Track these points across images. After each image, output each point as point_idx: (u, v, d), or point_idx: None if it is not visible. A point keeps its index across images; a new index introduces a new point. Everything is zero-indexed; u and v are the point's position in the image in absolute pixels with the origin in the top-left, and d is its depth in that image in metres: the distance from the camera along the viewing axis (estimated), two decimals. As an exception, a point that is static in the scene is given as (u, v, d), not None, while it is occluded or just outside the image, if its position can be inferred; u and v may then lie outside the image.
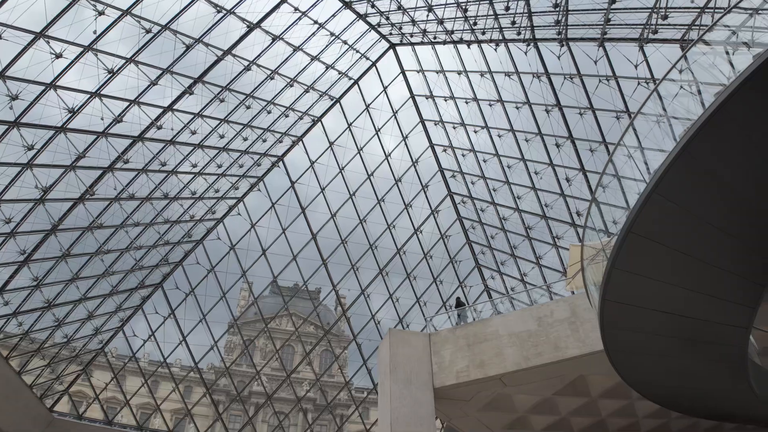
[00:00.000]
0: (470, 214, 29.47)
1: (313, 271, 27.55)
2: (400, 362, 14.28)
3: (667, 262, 7.06)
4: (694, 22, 14.37)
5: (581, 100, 21.15)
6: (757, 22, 8.50)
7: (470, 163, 27.63)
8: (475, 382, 14.00)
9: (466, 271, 30.80)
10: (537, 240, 26.81)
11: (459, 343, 14.68)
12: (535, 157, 24.38)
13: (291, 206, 25.68)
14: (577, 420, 17.79)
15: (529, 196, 25.73)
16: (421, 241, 29.37)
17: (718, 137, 5.98)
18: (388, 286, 28.58)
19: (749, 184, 6.41)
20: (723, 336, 7.05)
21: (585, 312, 13.63)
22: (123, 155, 17.85)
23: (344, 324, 47.82)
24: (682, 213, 6.72)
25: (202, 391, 33.12)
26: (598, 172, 22.73)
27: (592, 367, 14.07)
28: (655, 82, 18.04)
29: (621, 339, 8.10)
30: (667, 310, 7.20)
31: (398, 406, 13.38)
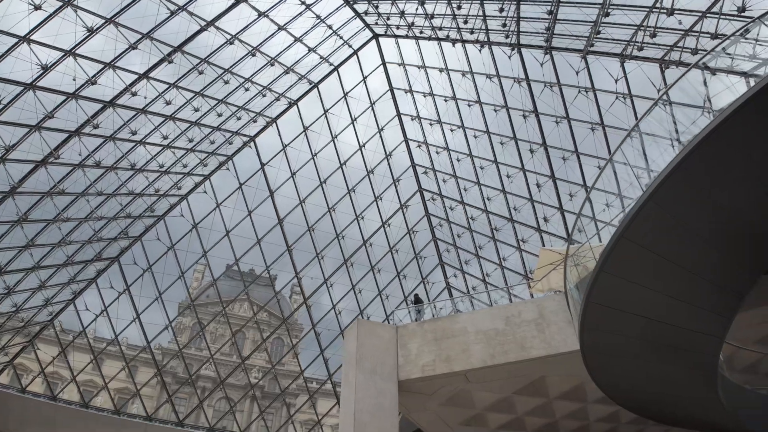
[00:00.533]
0: (438, 211, 29.72)
1: (275, 257, 27.09)
2: (367, 353, 14.22)
3: (653, 268, 7.26)
4: (676, 44, 14.91)
5: (558, 109, 21.62)
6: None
7: (443, 161, 27.83)
8: (440, 376, 14.10)
9: (430, 267, 31.08)
10: (502, 242, 27.31)
11: (426, 337, 14.75)
12: (508, 160, 24.78)
13: (259, 188, 25.13)
14: (532, 420, 18.25)
15: (499, 199, 26.17)
16: (388, 234, 29.41)
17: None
18: (351, 277, 28.46)
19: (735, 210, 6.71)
20: (698, 344, 7.34)
21: (552, 314, 13.95)
22: (92, 119, 16.90)
23: (297, 313, 47.50)
24: (673, 223, 6.91)
25: (148, 371, 32.06)
26: (567, 180, 23.36)
27: (555, 369, 14.45)
28: (632, 98, 18.67)
29: (599, 341, 8.30)
30: (649, 315, 7.43)
31: (362, 397, 13.32)
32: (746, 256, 6.91)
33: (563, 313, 13.87)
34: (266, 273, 28.18)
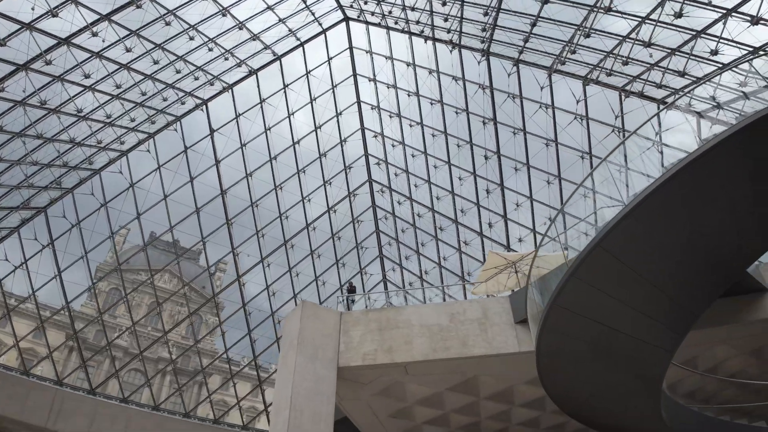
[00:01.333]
0: (385, 204, 29.74)
1: (211, 229, 25.89)
2: (309, 336, 13.92)
3: (620, 279, 7.56)
4: (639, 75, 15.75)
5: (517, 121, 22.23)
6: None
7: (397, 155, 27.88)
8: (380, 366, 14.07)
9: (369, 258, 31.05)
10: (444, 242, 27.77)
11: (370, 326, 14.66)
12: (462, 163, 25.24)
13: (205, 156, 23.89)
14: (457, 417, 18.66)
15: (447, 199, 26.58)
16: (332, 220, 29.01)
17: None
18: (289, 258, 27.82)
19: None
20: (650, 357, 7.76)
21: (495, 316, 14.29)
22: (45, 54, 15.22)
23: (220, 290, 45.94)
24: (646, 239, 7.21)
25: (55, 333, 29.76)
26: (515, 190, 24.10)
27: (491, 369, 14.83)
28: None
29: (556, 344, 8.54)
30: (609, 323, 7.74)
31: (301, 380, 13.02)
32: (705, 279, 7.37)
33: (506, 316, 14.27)
34: (195, 246, 26.91)
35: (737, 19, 12.24)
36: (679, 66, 14.17)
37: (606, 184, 16.72)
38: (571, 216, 12.67)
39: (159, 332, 42.67)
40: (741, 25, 12.24)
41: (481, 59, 21.77)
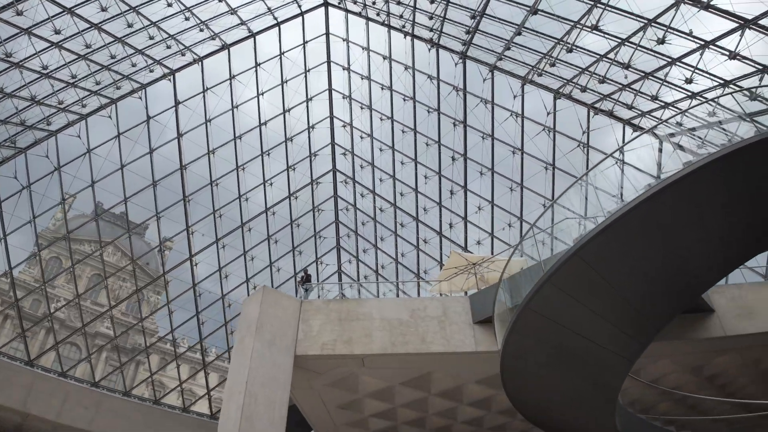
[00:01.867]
0: (348, 195, 29.59)
1: (166, 204, 24.92)
2: (268, 322, 13.69)
3: (593, 288, 7.85)
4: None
5: (488, 126, 22.62)
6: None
7: (365, 148, 27.74)
8: (338, 356, 14.01)
9: (327, 248, 30.85)
10: (403, 239, 27.94)
11: (331, 316, 14.57)
12: (429, 162, 25.41)
13: (167, 128, 22.92)
14: (405, 412, 18.84)
15: (410, 197, 26.71)
16: (292, 207, 28.59)
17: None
18: (245, 241, 27.20)
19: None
20: (611, 364, 8.11)
21: (455, 315, 14.53)
22: (17, 3, 14.03)
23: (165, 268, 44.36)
24: (620, 254, 7.53)
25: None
26: (478, 194, 24.52)
27: (446, 366, 15.06)
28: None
29: (522, 345, 8.76)
30: (577, 329, 8.02)
31: (257, 366, 12.79)
32: (670, 297, 7.79)
33: (465, 315, 14.53)
34: (148, 221, 25.80)
35: (714, 52, 13.01)
36: (652, 90, 14.87)
37: (567, 199, 17.38)
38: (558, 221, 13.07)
39: (98, 306, 40.84)
40: (717, 58, 13.03)
41: (458, 61, 21.98)
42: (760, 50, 12.12)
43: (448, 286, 18.79)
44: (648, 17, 13.57)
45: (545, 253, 11.81)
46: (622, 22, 14.27)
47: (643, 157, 12.95)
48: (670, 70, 14.45)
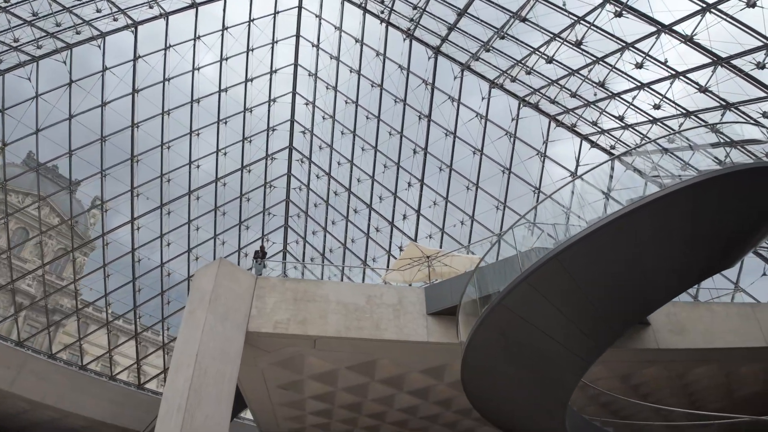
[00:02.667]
0: (302, 175, 29.10)
1: (113, 163, 23.40)
2: (222, 295, 13.29)
3: (565, 292, 8.24)
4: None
5: (452, 123, 22.95)
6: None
7: (325, 129, 27.36)
8: (291, 336, 13.85)
9: (274, 226, 30.23)
10: (354, 225, 27.89)
11: (286, 295, 14.36)
12: (389, 152, 25.46)
13: (124, 81, 21.44)
14: (343, 395, 18.95)
15: (366, 184, 26.66)
16: (244, 180, 27.75)
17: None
18: (191, 209, 26.15)
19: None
20: (570, 365, 8.57)
21: (409, 305, 14.74)
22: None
23: (92, 229, 41.79)
24: (594, 262, 7.97)
25: None
26: (434, 189, 24.87)
27: (396, 353, 15.25)
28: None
29: (488, 340, 9.05)
30: (545, 329, 8.40)
31: (209, 339, 12.41)
32: (631, 307, 8.40)
33: (420, 306, 14.78)
34: (89, 178, 24.13)
35: (684, 83, 13.98)
36: (618, 110, 15.73)
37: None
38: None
39: (20, 261, 37.80)
40: (687, 89, 14.01)
41: (431, 56, 22.09)
42: (729, 87, 13.18)
43: (401, 276, 19.02)
44: (627, 41, 14.33)
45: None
46: (602, 42, 14.97)
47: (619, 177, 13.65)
48: (638, 94, 15.36)
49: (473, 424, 22.14)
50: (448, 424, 22.57)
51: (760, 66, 12.89)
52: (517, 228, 14.95)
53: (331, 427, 22.61)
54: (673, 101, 14.67)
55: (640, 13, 14.13)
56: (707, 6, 12.73)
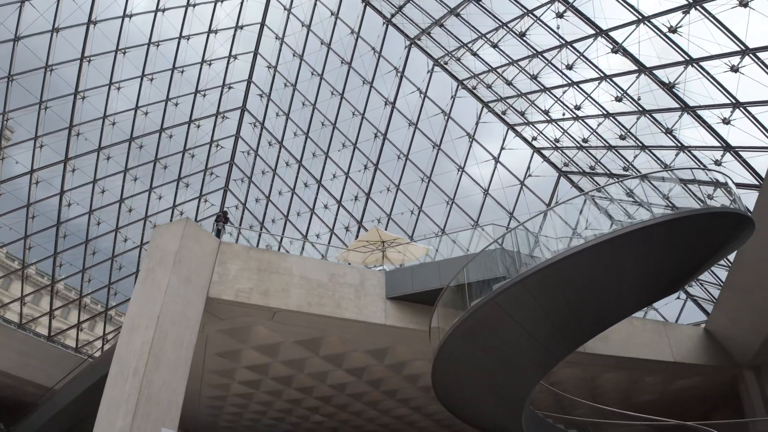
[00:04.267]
0: (252, 140, 27.91)
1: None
2: (186, 257, 12.61)
3: (550, 294, 8.90)
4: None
5: (414, 115, 23.12)
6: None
7: (285, 97, 26.36)
8: (251, 306, 13.48)
9: (214, 187, 28.80)
10: (300, 198, 27.34)
11: (250, 264, 13.92)
12: (348, 131, 25.13)
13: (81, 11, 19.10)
14: (278, 367, 18.78)
15: (320, 159, 26.19)
16: (191, 135, 26.11)
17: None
18: (129, 158, 24.18)
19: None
20: (539, 362, 9.29)
21: (371, 287, 14.90)
22: None
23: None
24: (581, 277, 8.69)
25: None
26: (387, 175, 25.01)
27: (349, 333, 15.37)
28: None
29: (473, 330, 9.51)
30: (528, 328, 9.00)
31: (171, 302, 11.76)
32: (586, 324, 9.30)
33: (380, 289, 14.98)
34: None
35: (610, 85, 15.52)
36: (545, 105, 17.08)
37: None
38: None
39: None
40: (610, 92, 15.51)
41: (408, 45, 22.04)
42: (647, 98, 14.72)
43: (354, 256, 19.06)
44: (567, 39, 15.41)
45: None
46: (545, 37, 15.93)
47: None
48: (567, 91, 16.60)
49: (394, 404, 22.96)
50: (371, 403, 23.17)
51: (669, 86, 14.39)
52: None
53: (253, 398, 22.34)
54: (597, 102, 16.05)
55: (582, 15, 15.10)
56: (642, 18, 13.87)
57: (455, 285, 11.64)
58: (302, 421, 26.17)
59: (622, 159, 18.22)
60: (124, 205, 24.59)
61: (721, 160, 14.44)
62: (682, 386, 19.78)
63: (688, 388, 19.80)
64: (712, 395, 20.30)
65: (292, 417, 25.54)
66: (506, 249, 11.54)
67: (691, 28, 13.04)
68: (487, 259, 13.59)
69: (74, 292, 26.46)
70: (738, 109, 13.42)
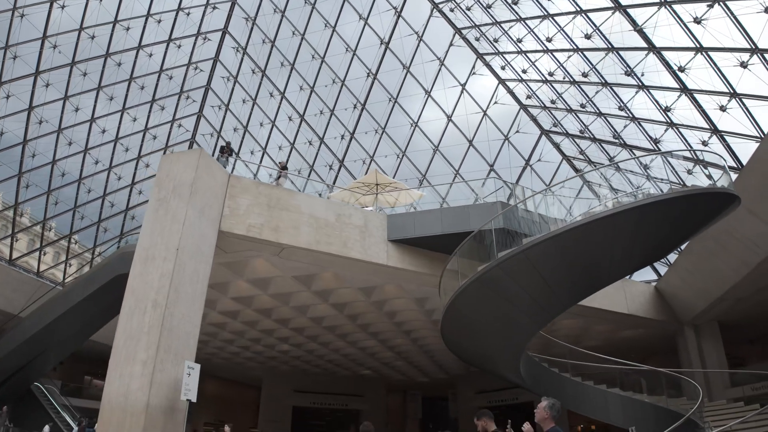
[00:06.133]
0: (233, 65, 26.07)
1: None
2: (200, 189, 12.00)
3: (557, 258, 9.44)
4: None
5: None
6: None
7: (272, 22, 24.55)
8: (262, 242, 13.16)
9: (190, 112, 27.03)
10: (279, 130, 26.25)
11: (260, 199, 13.46)
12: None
13: None
14: (263, 299, 18.81)
15: (306, 93, 25.01)
16: (170, 55, 23.96)
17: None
18: (104, 74, 21.96)
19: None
20: (535, 319, 10.03)
21: (374, 229, 14.90)
22: None
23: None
24: (581, 245, 9.26)
25: None
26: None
27: (350, 271, 15.46)
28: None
29: (498, 277, 9.91)
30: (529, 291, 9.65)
31: (188, 234, 11.26)
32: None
33: (382, 232, 15.03)
34: None
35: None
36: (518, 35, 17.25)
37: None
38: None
39: None
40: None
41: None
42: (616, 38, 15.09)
43: (347, 196, 18.84)
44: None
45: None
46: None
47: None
48: (541, 23, 16.74)
49: (364, 336, 23.80)
50: (341, 335, 23.86)
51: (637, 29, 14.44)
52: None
53: (227, 327, 22.35)
54: (569, 36, 16.28)
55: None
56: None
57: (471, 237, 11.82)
58: (267, 349, 26.65)
59: (584, 95, 18.34)
60: (96, 125, 22.67)
61: (708, 141, 15.21)
62: (626, 336, 21.62)
63: (632, 338, 21.69)
64: (651, 346, 22.42)
65: (259, 346, 25.92)
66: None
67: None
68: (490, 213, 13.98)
69: (38, 225, 24.47)
70: (734, 99, 13.99)
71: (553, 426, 4.43)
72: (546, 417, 4.45)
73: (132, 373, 9.57)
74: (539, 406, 4.54)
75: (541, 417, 4.50)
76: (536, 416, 4.56)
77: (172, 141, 26.84)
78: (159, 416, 9.44)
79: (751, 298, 17.24)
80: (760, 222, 13.80)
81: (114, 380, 9.65)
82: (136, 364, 9.64)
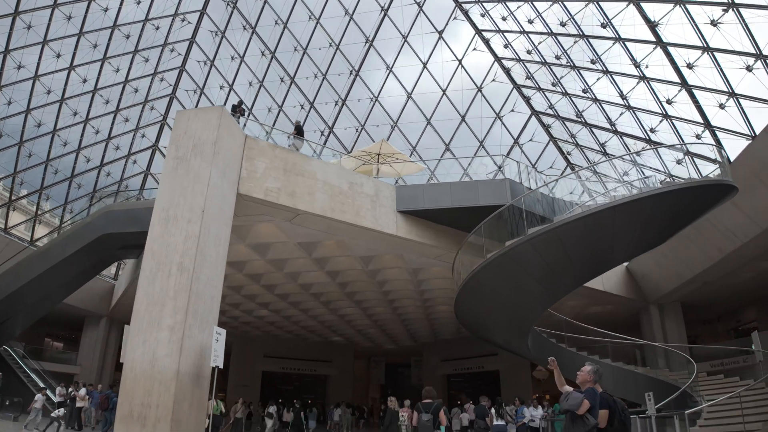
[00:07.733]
0: (221, 20, 24.45)
1: None
2: (222, 150, 11.33)
3: (558, 246, 9.75)
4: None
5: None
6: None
7: (253, 12, 23.13)
8: (278, 206, 12.64)
9: (172, 66, 25.29)
10: (267, 91, 25.12)
11: (276, 163, 12.88)
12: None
13: None
14: (257, 263, 18.38)
15: (298, 54, 23.94)
16: (156, 5, 22.08)
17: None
18: (85, 23, 19.96)
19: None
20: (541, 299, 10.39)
21: (384, 199, 14.69)
22: None
23: None
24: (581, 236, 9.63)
25: None
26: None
27: (357, 240, 15.24)
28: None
29: (523, 253, 10.12)
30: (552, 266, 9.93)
31: (212, 196, 10.67)
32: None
33: (392, 202, 14.85)
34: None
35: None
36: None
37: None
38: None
39: None
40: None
41: None
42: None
43: (348, 163, 18.41)
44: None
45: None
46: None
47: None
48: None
49: (347, 303, 23.83)
50: (325, 302, 23.78)
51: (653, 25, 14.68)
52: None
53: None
54: (578, 23, 16.28)
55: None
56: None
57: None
58: (244, 314, 26.24)
59: (584, 82, 18.70)
60: (76, 73, 20.78)
61: (701, 135, 15.84)
62: (594, 311, 22.75)
63: (599, 313, 22.85)
64: (615, 321, 23.70)
65: (237, 311, 25.42)
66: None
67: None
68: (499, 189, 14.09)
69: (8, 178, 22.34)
70: (732, 98, 14.57)
71: (592, 387, 4.80)
72: (589, 380, 4.81)
73: (158, 339, 9.06)
74: (584, 369, 4.90)
75: (583, 379, 4.86)
76: (578, 378, 4.89)
77: (152, 93, 25.14)
78: (188, 383, 9.06)
79: (716, 282, 18.44)
80: (741, 213, 14.67)
81: (137, 347, 9.11)
82: (162, 330, 9.13)
